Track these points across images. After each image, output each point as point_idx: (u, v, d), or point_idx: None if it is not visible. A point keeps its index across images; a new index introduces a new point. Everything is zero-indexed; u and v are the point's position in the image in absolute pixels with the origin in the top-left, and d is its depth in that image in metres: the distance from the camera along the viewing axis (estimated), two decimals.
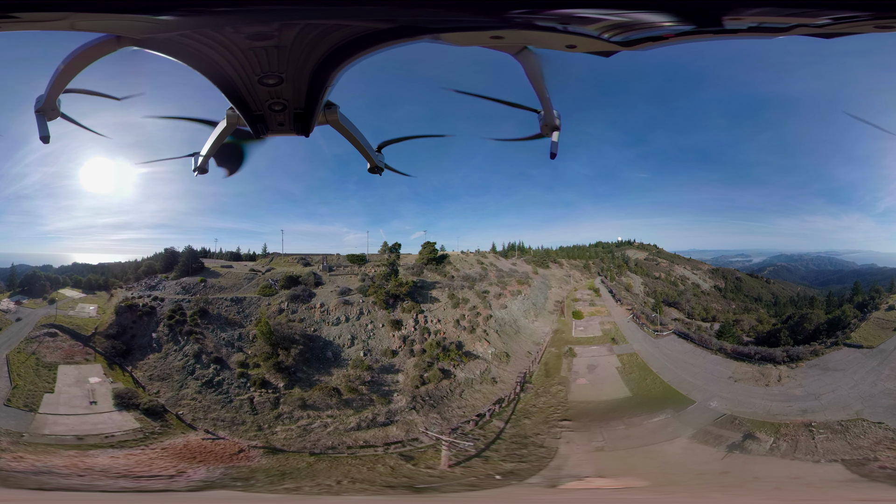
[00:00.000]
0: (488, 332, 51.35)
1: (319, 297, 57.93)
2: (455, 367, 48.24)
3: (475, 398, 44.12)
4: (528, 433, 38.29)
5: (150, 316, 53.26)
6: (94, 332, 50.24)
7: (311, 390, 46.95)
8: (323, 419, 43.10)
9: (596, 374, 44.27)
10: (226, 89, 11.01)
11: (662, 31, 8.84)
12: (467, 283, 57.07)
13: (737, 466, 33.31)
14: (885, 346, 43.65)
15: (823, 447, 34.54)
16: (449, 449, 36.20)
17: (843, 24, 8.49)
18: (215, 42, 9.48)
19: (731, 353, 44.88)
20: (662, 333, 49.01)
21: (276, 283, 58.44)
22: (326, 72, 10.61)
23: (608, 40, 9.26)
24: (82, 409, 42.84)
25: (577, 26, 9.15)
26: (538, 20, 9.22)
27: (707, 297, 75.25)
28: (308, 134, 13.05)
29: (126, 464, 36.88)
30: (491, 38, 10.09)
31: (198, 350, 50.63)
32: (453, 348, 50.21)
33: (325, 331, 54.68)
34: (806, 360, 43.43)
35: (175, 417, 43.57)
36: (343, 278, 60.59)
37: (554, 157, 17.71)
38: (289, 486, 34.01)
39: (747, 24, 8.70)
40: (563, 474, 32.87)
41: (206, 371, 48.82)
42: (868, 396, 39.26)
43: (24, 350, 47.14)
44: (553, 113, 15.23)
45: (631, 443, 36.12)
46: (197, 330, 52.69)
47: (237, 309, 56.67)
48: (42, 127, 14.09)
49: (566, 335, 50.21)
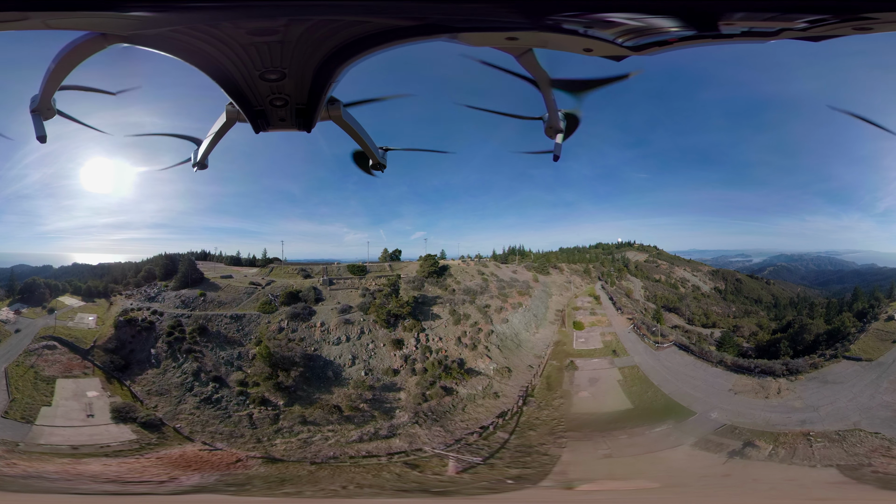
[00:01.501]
0: (489, 348, 52.62)
1: (320, 314, 59.02)
2: (457, 384, 49.39)
3: (478, 412, 45.22)
4: (532, 443, 39.44)
5: (148, 331, 54.41)
6: (93, 346, 51.21)
7: (311, 407, 47.74)
8: (324, 433, 43.87)
9: (598, 386, 45.63)
10: (225, 84, 11.31)
11: (668, 35, 9.78)
12: (468, 296, 58.61)
13: (737, 470, 34.71)
14: (885, 359, 45.42)
15: (820, 454, 36.05)
16: (457, 461, 37.19)
17: (822, 27, 9.41)
18: (212, 37, 9.73)
19: (731, 366, 46.55)
20: (663, 346, 50.61)
21: (277, 298, 59.65)
22: (332, 67, 11.01)
23: (622, 45, 10.20)
24: (79, 422, 43.68)
25: (596, 31, 9.93)
26: (563, 23, 9.87)
27: (707, 299, 76.51)
28: (310, 129, 13.43)
29: (117, 471, 37.64)
30: (506, 38, 10.86)
31: (196, 368, 51.41)
32: (455, 367, 51.26)
33: (325, 350, 55.53)
34: (805, 373, 45.14)
35: (172, 430, 44.32)
36: (344, 293, 61.93)
37: (557, 160, 17.70)
38: (289, 490, 34.74)
39: (740, 29, 9.67)
40: (572, 478, 34.02)
41: (204, 388, 49.59)
42: (866, 408, 40.86)
43: (22, 363, 48.01)
44: (557, 115, 16.40)
45: (635, 450, 37.36)
46: (196, 348, 53.55)
47: (237, 327, 57.61)
48: (38, 127, 14.76)
49: (567, 347, 51.66)
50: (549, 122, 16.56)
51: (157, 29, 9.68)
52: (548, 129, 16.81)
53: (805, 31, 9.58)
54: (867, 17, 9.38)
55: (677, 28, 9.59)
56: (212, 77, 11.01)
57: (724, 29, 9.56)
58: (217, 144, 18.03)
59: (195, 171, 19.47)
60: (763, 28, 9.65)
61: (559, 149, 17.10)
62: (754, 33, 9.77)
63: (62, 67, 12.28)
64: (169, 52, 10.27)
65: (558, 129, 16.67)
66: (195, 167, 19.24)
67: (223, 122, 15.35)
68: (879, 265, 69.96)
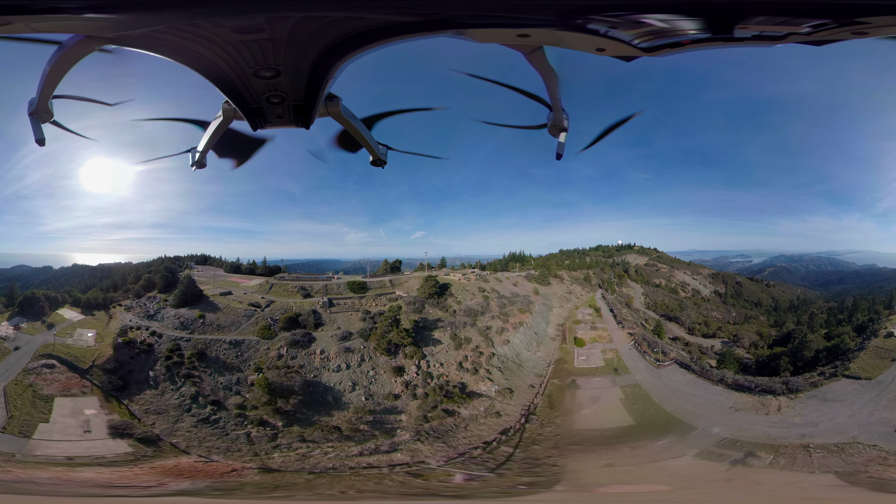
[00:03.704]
0: (491, 371, 54.44)
1: (320, 341, 60.47)
2: (458, 407, 50.84)
3: (480, 430, 46.64)
4: (538, 455, 40.90)
5: (147, 353, 56.09)
6: (92, 365, 52.78)
7: (310, 428, 48.85)
8: (323, 449, 44.94)
9: (600, 404, 47.28)
10: (219, 83, 11.63)
11: (684, 37, 10.29)
12: (469, 318, 60.54)
13: (740, 476, 36.33)
14: (884, 378, 47.48)
15: (819, 463, 37.80)
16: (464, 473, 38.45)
17: (824, 32, 10.12)
18: (198, 37, 10.11)
19: (732, 385, 48.54)
20: (664, 364, 52.55)
21: (276, 323, 61.53)
22: (329, 64, 11.31)
23: (636, 45, 10.60)
24: (76, 437, 44.84)
25: (619, 31, 10.31)
26: (587, 22, 10.19)
27: (707, 304, 78.28)
28: (309, 126, 13.70)
29: (109, 478, 38.75)
30: (517, 35, 11.20)
31: (195, 392, 52.77)
32: (456, 392, 52.71)
33: (325, 376, 56.68)
34: (805, 391, 47.13)
35: (169, 445, 45.32)
36: (344, 316, 63.96)
37: (560, 158, 17.88)
38: (281, 494, 35.70)
39: (751, 33, 10.27)
40: (583, 483, 35.53)
41: (202, 410, 50.82)
42: (865, 424, 42.57)
43: (21, 382, 49.43)
44: (562, 114, 16.71)
45: (638, 460, 38.86)
46: (195, 373, 54.97)
47: (236, 352, 59.16)
48: (36, 130, 15.17)
49: (569, 366, 53.42)
50: (554, 121, 16.82)
51: (138, 30, 10.05)
52: (552, 128, 17.10)
53: (809, 36, 10.24)
54: (863, 21, 10.04)
55: (695, 30, 10.09)
56: (203, 75, 11.27)
57: (738, 32, 10.09)
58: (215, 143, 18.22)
59: (194, 171, 19.58)
60: (772, 32, 10.24)
61: (562, 147, 17.35)
62: (763, 37, 10.34)
63: (56, 71, 12.66)
64: (158, 53, 10.61)
65: (562, 127, 16.92)
66: (194, 166, 19.27)
67: (220, 120, 15.56)
68: (879, 266, 72.03)
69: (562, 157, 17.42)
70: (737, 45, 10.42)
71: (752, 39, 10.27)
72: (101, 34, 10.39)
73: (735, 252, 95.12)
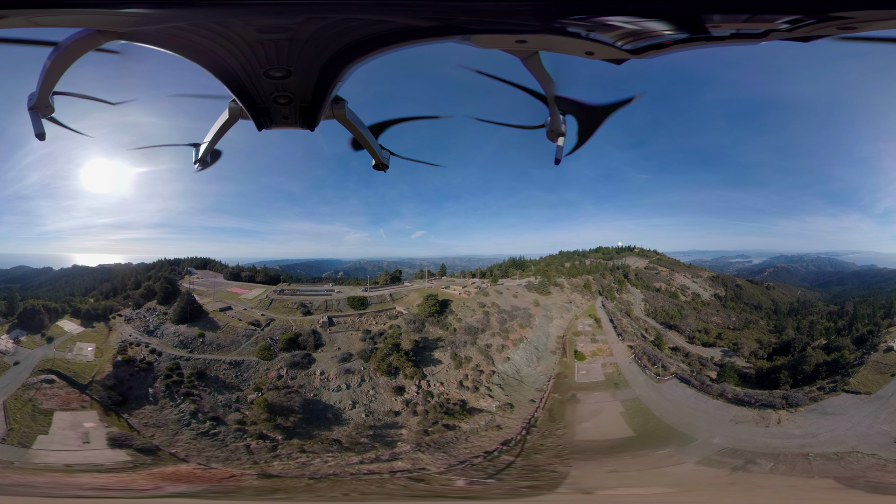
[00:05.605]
0: (492, 388, 55.74)
1: (320, 362, 61.51)
2: (459, 422, 51.99)
3: (481, 441, 47.80)
4: (539, 463, 42.10)
5: (146, 371, 57.34)
6: (91, 381, 54.00)
7: (310, 441, 49.81)
8: (323, 458, 45.86)
9: (600, 417, 48.59)
10: (228, 81, 11.49)
11: (663, 38, 10.51)
12: (469, 336, 61.96)
13: (741, 480, 37.69)
14: (883, 392, 48.92)
15: (819, 469, 39.24)
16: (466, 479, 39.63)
17: (805, 27, 9.80)
18: (215, 34, 9.89)
19: (732, 399, 49.97)
20: (664, 378, 53.89)
21: (276, 343, 62.90)
22: (339, 66, 11.59)
23: (621, 48, 10.99)
24: (75, 447, 45.81)
25: (598, 34, 10.69)
26: (568, 26, 10.63)
27: (707, 308, 78.85)
28: (314, 128, 13.93)
29: (106, 482, 39.81)
30: (516, 41, 11.75)
31: (194, 409, 53.82)
32: (457, 409, 53.81)
33: (325, 395, 57.85)
34: (805, 405, 48.61)
35: (168, 454, 46.16)
36: (344, 336, 65.28)
37: (559, 163, 18.32)
38: (280, 497, 36.59)
39: (728, 31, 10.12)
40: (586, 486, 36.79)
41: (202, 425, 51.83)
42: (864, 436, 43.95)
43: (21, 396, 50.52)
44: (559, 118, 17.24)
45: (640, 466, 40.19)
46: (194, 392, 56.13)
47: (235, 372, 60.31)
48: (37, 125, 15.19)
49: (569, 380, 54.72)
50: (552, 126, 17.25)
51: (157, 25, 9.92)
52: (549, 133, 17.50)
53: (791, 32, 10.12)
54: (843, 16, 9.85)
55: (669, 31, 10.18)
56: (214, 73, 11.29)
57: (713, 31, 10.11)
58: (218, 142, 18.34)
59: (196, 170, 19.90)
60: (748, 29, 10.19)
61: (560, 151, 17.68)
62: (743, 35, 10.31)
63: (58, 64, 12.57)
64: (168, 49, 10.58)
65: (560, 132, 17.37)
66: (196, 164, 19.68)
67: (225, 118, 15.67)
68: (879, 266, 73.62)
69: (560, 161, 17.76)
70: (718, 44, 10.54)
71: (732, 38, 10.43)
72: (114, 28, 10.45)
73: (735, 252, 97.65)
